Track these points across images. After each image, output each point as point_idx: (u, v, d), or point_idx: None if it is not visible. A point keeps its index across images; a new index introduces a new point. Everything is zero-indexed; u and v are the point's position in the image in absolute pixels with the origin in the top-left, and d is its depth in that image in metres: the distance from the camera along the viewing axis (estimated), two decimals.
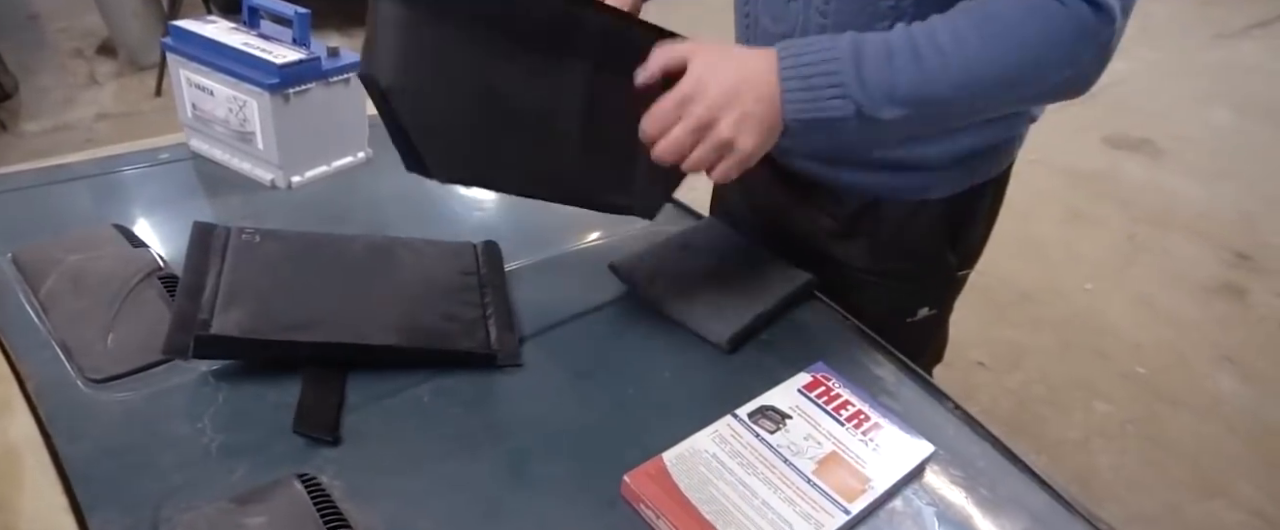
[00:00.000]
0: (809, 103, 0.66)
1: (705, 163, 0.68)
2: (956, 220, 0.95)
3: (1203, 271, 2.36)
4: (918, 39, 0.65)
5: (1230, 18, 3.86)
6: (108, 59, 3.29)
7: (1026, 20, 0.64)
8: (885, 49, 0.65)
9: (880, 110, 0.65)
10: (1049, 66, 0.65)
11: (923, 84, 0.65)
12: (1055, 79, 0.65)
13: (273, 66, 0.98)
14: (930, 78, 0.65)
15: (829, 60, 0.65)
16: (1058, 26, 0.64)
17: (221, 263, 0.77)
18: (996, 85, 0.66)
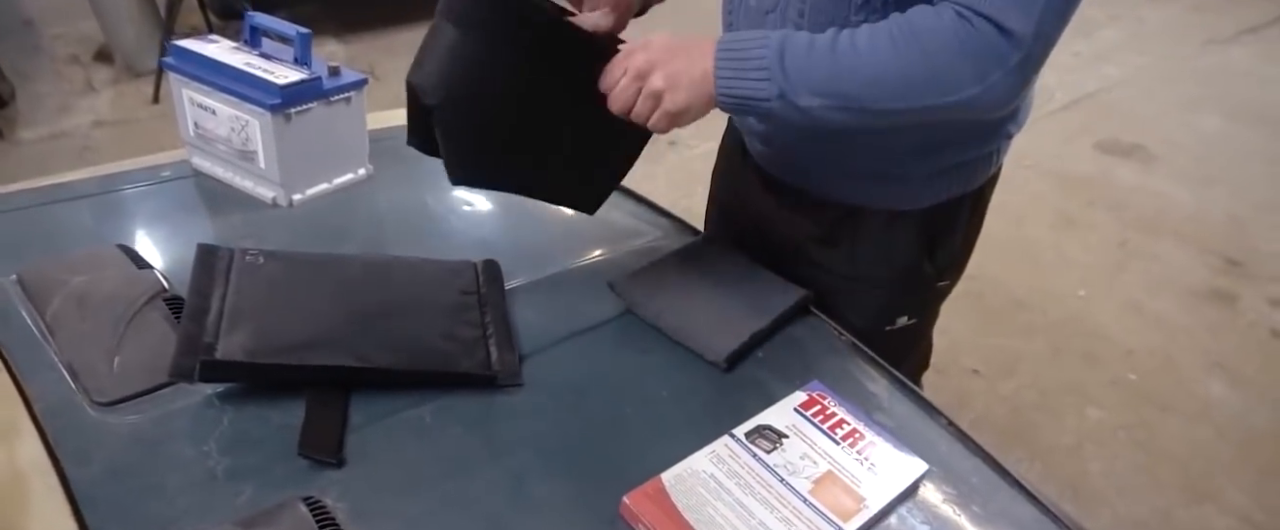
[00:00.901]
0: (736, 79, 0.73)
1: (642, 113, 0.75)
2: (934, 231, 0.98)
3: (1193, 277, 2.38)
4: (840, 39, 0.72)
5: (1221, 24, 3.89)
6: (104, 65, 3.29)
7: (936, 34, 0.69)
8: (808, 43, 0.72)
9: (798, 96, 0.72)
10: (953, 79, 0.69)
11: (835, 78, 0.71)
12: (963, 93, 0.69)
13: (275, 87, 0.99)
14: (841, 73, 0.71)
15: (759, 46, 0.73)
16: (964, 44, 0.68)
17: (226, 285, 0.78)
18: (902, 88, 0.71)
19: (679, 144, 2.92)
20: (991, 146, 0.94)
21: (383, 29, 3.68)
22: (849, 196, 0.96)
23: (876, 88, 0.71)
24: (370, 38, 3.62)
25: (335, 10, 3.83)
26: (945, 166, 0.92)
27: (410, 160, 1.20)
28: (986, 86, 0.69)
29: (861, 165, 0.93)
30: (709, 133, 1.07)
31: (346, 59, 3.43)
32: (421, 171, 1.20)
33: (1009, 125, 0.94)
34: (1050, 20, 0.68)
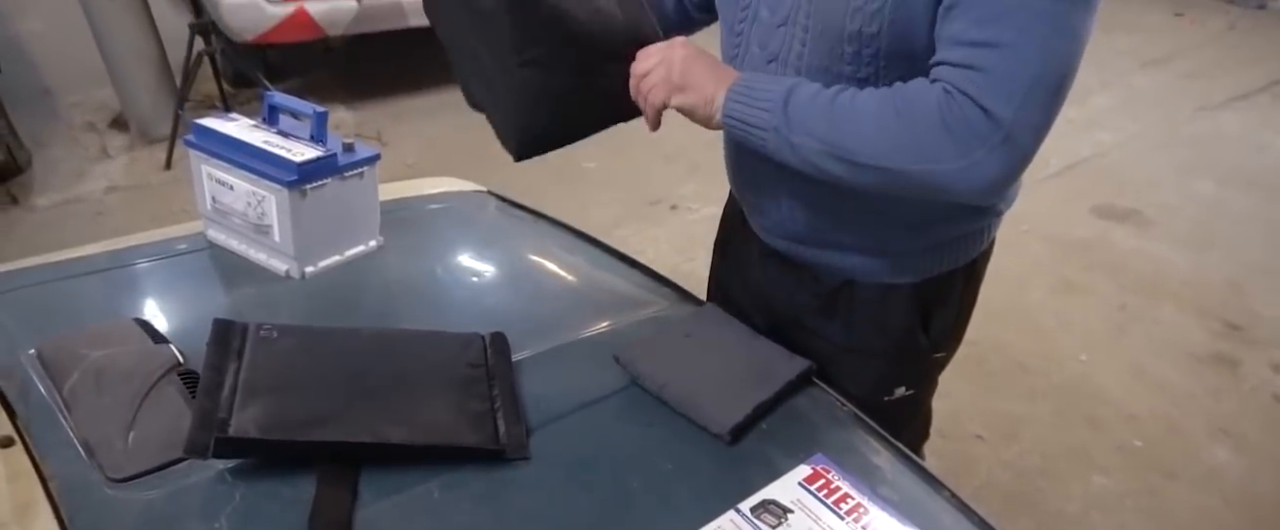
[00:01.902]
0: (744, 106, 0.81)
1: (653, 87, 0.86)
2: (928, 304, 1.00)
3: (1194, 341, 2.39)
4: (842, 94, 0.78)
5: (1211, 90, 3.98)
6: (119, 132, 3.36)
7: (924, 104, 0.73)
8: (813, 93, 0.79)
9: (792, 133, 0.79)
10: (933, 149, 0.73)
11: (828, 125, 0.78)
12: (944, 165, 0.73)
13: (292, 164, 1.02)
14: (834, 122, 0.77)
15: (770, 86, 0.81)
16: (945, 118, 0.72)
17: (240, 360, 0.80)
18: (885, 147, 0.75)
19: (681, 208, 2.96)
20: (982, 223, 0.97)
21: (390, 96, 3.77)
22: (843, 268, 0.99)
23: (862, 142, 0.76)
24: (378, 105, 3.71)
25: (344, 78, 3.94)
26: (936, 242, 0.95)
27: (420, 232, 1.24)
28: (969, 163, 0.72)
29: (854, 239, 0.96)
30: (711, 198, 1.11)
31: (355, 125, 3.51)
32: (430, 242, 1.24)
33: (998, 203, 0.97)
34: (1033, 108, 0.71)
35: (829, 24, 0.80)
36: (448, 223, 1.31)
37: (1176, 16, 4.97)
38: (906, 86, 0.76)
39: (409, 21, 3.48)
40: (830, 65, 0.82)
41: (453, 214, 1.33)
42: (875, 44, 0.78)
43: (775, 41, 0.87)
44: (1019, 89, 0.70)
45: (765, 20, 0.87)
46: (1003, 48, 0.70)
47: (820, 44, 0.82)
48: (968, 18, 0.71)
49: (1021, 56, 0.70)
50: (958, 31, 0.72)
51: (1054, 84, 0.71)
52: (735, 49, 0.93)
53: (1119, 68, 4.22)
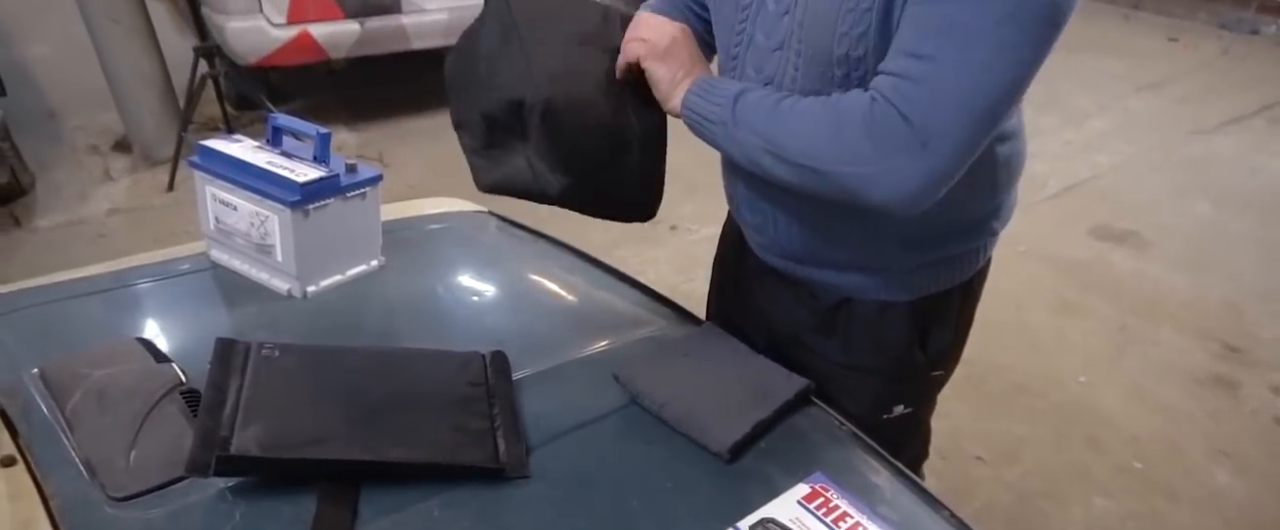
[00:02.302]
0: (701, 100, 0.87)
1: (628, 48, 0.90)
2: (925, 322, 1.01)
3: (1193, 363, 2.39)
4: (785, 99, 0.83)
5: (1205, 114, 4.01)
6: (122, 155, 3.38)
7: (852, 109, 0.76)
8: (762, 96, 0.84)
9: (738, 130, 0.84)
10: (855, 151, 0.76)
11: (769, 125, 0.82)
12: (863, 168, 0.76)
13: (295, 184, 1.03)
14: (774, 121, 0.82)
15: (728, 87, 0.87)
16: (868, 123, 0.75)
17: (242, 378, 0.80)
18: (814, 147, 0.79)
19: (680, 229, 2.97)
20: (976, 242, 0.98)
21: (392, 118, 3.80)
22: (840, 286, 1.00)
23: (793, 140, 0.80)
24: (380, 126, 3.74)
25: (346, 100, 3.97)
26: (931, 260, 0.96)
27: (421, 251, 1.25)
28: (885, 168, 0.74)
29: (849, 256, 0.97)
30: (710, 218, 1.12)
31: (357, 147, 3.53)
32: (431, 262, 1.25)
33: (993, 222, 0.98)
34: (957, 123, 0.72)
35: (819, 48, 0.82)
36: (449, 242, 1.32)
37: (1170, 41, 5.02)
38: (846, 95, 0.79)
39: (411, 44, 3.52)
40: (822, 88, 0.84)
41: (454, 234, 1.34)
42: (862, 66, 0.79)
43: (770, 65, 0.88)
44: (946, 102, 0.71)
45: (761, 45, 0.89)
46: (937, 61, 0.71)
47: (812, 67, 0.84)
48: (914, 29, 0.73)
49: (954, 72, 0.71)
50: (903, 42, 0.74)
51: (983, 105, 0.72)
52: (732, 72, 0.95)
53: (1114, 91, 4.26)
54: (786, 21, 0.85)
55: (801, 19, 0.83)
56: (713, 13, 0.96)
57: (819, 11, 0.81)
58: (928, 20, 0.72)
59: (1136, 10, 5.51)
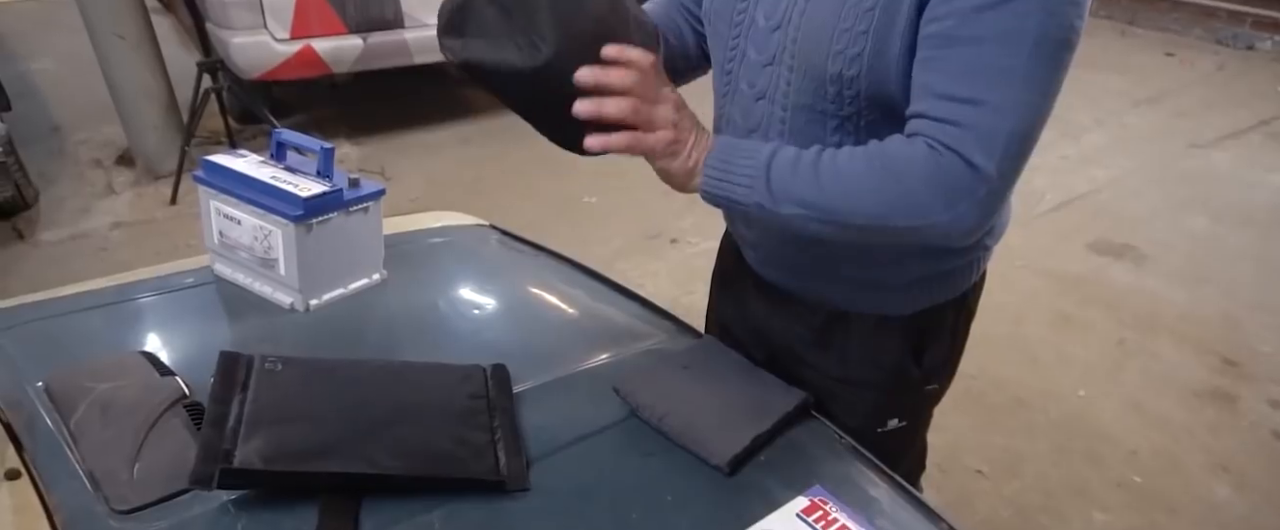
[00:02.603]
0: (722, 182, 0.80)
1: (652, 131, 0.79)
2: (920, 336, 1.02)
3: (1192, 377, 2.40)
4: (823, 157, 0.79)
5: (1202, 129, 4.03)
6: (126, 168, 3.40)
7: (909, 162, 0.75)
8: (794, 159, 0.79)
9: (779, 206, 0.79)
10: (921, 204, 0.75)
11: (815, 192, 0.78)
12: (931, 218, 0.75)
13: (298, 199, 1.04)
14: (821, 189, 0.78)
15: (748, 159, 0.80)
16: (932, 173, 0.74)
17: (245, 392, 0.81)
18: (875, 207, 0.77)
19: (680, 242, 2.99)
20: (970, 257, 1.00)
21: (394, 131, 3.82)
22: (836, 300, 1.01)
23: (851, 203, 0.77)
24: (381, 139, 3.76)
25: (347, 114, 3.99)
26: (925, 275, 0.97)
27: (423, 265, 1.26)
28: (955, 215, 0.75)
29: (845, 271, 0.98)
30: (710, 231, 1.13)
31: (359, 160, 3.55)
32: (433, 276, 1.26)
33: (985, 238, 0.99)
34: (1011, 157, 0.74)
35: (812, 65, 0.83)
36: (450, 256, 1.33)
37: (1167, 57, 5.05)
38: (886, 145, 0.78)
39: (413, 59, 3.54)
40: (815, 103, 0.85)
41: (455, 248, 1.35)
42: (856, 85, 0.81)
43: (763, 80, 0.90)
44: (999, 143, 0.73)
45: (753, 60, 0.90)
46: (982, 105, 0.73)
47: (806, 83, 0.85)
48: (945, 72, 0.75)
49: (1000, 112, 0.73)
50: (935, 85, 0.75)
51: (1029, 136, 0.75)
52: (726, 87, 0.96)
53: (1112, 106, 4.28)
54: (778, 37, 0.86)
55: (795, 36, 0.84)
56: (707, 27, 0.98)
57: (813, 31, 0.82)
58: (961, 63, 0.74)
59: (1133, 26, 5.55)
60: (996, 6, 0.71)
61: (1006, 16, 0.71)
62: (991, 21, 0.72)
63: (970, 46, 0.73)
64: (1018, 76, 0.73)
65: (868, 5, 0.78)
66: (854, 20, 0.78)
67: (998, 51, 0.72)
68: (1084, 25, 0.74)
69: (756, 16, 0.88)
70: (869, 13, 0.77)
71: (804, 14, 0.83)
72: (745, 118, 0.94)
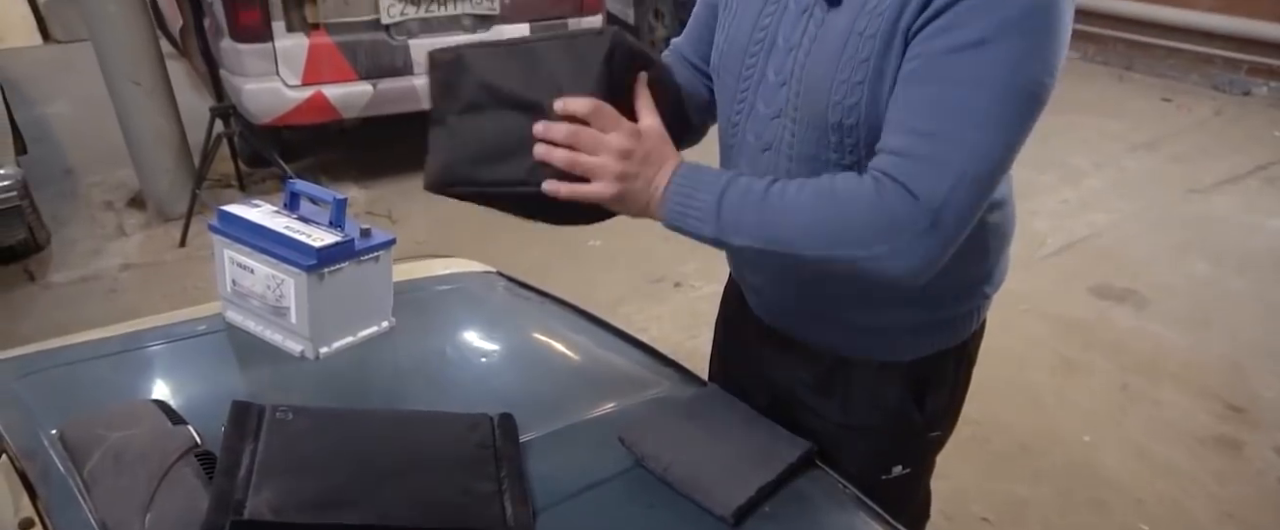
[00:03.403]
0: (679, 214, 0.84)
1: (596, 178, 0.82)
2: (922, 383, 1.03)
3: (1196, 423, 2.39)
4: (772, 190, 0.82)
5: (1200, 173, 4.07)
6: (137, 211, 3.45)
7: (853, 193, 0.78)
8: (744, 191, 0.82)
9: (731, 237, 0.83)
10: (862, 235, 0.78)
11: (762, 225, 0.81)
12: (873, 249, 0.77)
13: (311, 249, 1.07)
14: (768, 222, 0.81)
15: (703, 190, 0.83)
16: (873, 204, 0.77)
17: (256, 442, 0.83)
18: (819, 238, 0.80)
19: (684, 285, 3.01)
20: (969, 305, 1.01)
21: (401, 175, 3.87)
22: (838, 346, 1.03)
23: (796, 235, 0.81)
24: (388, 183, 3.81)
25: (355, 158, 4.05)
26: (925, 322, 0.99)
27: (430, 313, 1.28)
28: (894, 249, 0.77)
29: (846, 317, 1.00)
30: (713, 275, 1.14)
31: (366, 203, 3.59)
32: (440, 323, 1.28)
33: (985, 286, 1.01)
34: (960, 194, 0.75)
35: (814, 116, 0.86)
36: (457, 303, 1.35)
37: (1164, 102, 5.11)
38: (836, 178, 0.81)
39: (422, 104, 3.60)
40: (819, 153, 0.88)
41: (462, 295, 1.37)
42: (856, 134, 0.84)
43: (769, 132, 0.92)
44: (948, 177, 0.75)
45: (761, 113, 0.93)
46: (937, 138, 0.75)
47: (809, 134, 0.88)
48: (908, 107, 0.77)
49: (954, 147, 0.75)
50: (896, 119, 0.78)
51: (983, 177, 0.76)
52: (732, 138, 0.99)
53: (1110, 151, 4.32)
54: (784, 92, 0.90)
55: (798, 90, 0.87)
56: (715, 81, 1.01)
57: (814, 84, 0.85)
58: (923, 101, 0.76)
59: (1130, 71, 5.62)
60: (966, 50, 0.74)
61: (976, 62, 0.74)
62: (960, 64, 0.74)
63: (935, 85, 0.75)
64: (978, 117, 0.74)
65: (862, 56, 0.81)
66: (850, 71, 0.82)
67: (962, 92, 0.74)
68: (1054, 83, 0.76)
69: (767, 72, 0.92)
70: (864, 64, 0.81)
71: (804, 67, 0.87)
72: (752, 168, 0.96)
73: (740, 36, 0.94)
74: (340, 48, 3.34)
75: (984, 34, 0.73)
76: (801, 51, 0.87)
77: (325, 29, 3.29)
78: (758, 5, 0.92)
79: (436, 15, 3.50)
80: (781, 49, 0.89)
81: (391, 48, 3.45)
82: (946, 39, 0.74)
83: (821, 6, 0.85)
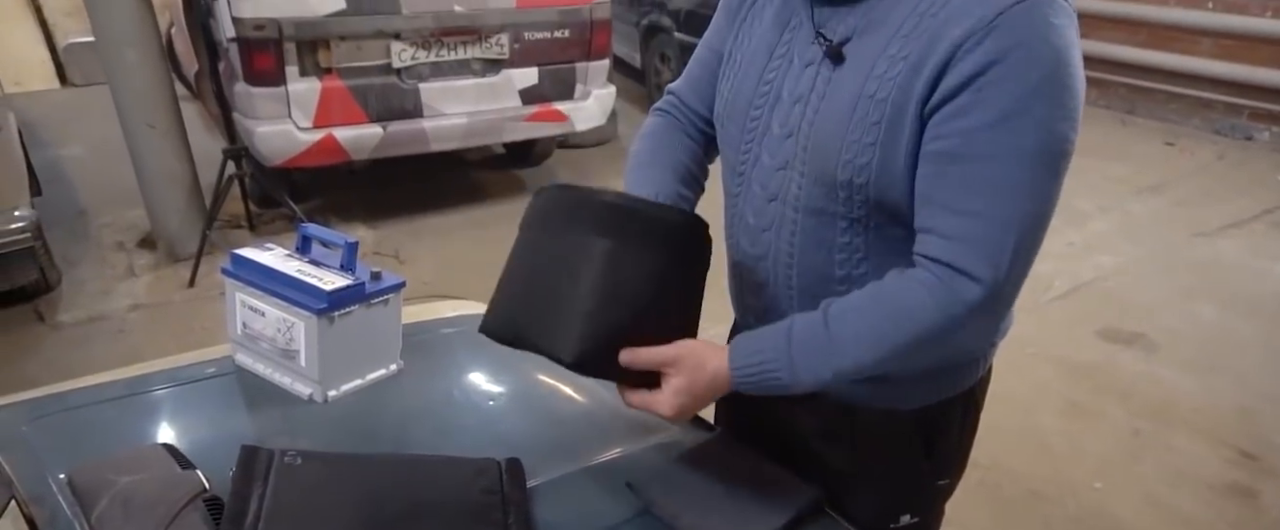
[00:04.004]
0: (757, 387, 0.87)
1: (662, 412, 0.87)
2: (929, 431, 1.03)
3: (1209, 470, 2.36)
4: (835, 329, 0.83)
5: (1205, 217, 4.07)
6: (147, 251, 3.47)
7: (919, 303, 0.80)
8: (813, 341, 0.84)
9: (809, 387, 0.85)
10: (940, 336, 0.81)
11: (842, 363, 0.83)
12: (952, 342, 0.81)
13: (322, 292, 1.08)
14: (847, 356, 0.83)
15: (770, 361, 0.85)
16: (943, 308, 0.79)
17: (264, 487, 0.83)
18: (903, 352, 0.83)
19: None
20: (977, 352, 1.01)
21: (408, 215, 3.91)
22: (845, 394, 1.02)
23: (880, 357, 0.83)
24: (397, 223, 3.84)
25: (364, 198, 4.09)
26: (933, 369, 0.99)
27: (438, 355, 1.28)
28: (967, 331, 0.80)
29: None
30: (719, 317, 1.14)
31: (374, 243, 3.62)
32: (448, 366, 1.28)
33: (992, 334, 1.01)
34: (1017, 265, 0.79)
35: (823, 171, 0.88)
36: (464, 346, 1.35)
37: (1167, 146, 5.15)
38: (890, 290, 0.83)
39: (431, 146, 3.66)
40: (826, 206, 0.89)
41: (470, 337, 1.36)
42: (865, 191, 0.85)
43: (775, 183, 0.94)
44: (1006, 253, 0.78)
45: (766, 164, 0.95)
46: (986, 217, 0.78)
47: (817, 188, 0.89)
48: (950, 188, 0.79)
49: (1005, 224, 0.78)
50: (941, 200, 0.80)
51: (1032, 245, 0.79)
52: (738, 186, 1.00)
53: (1115, 194, 4.34)
54: (790, 144, 0.91)
55: (806, 144, 0.89)
56: (719, 130, 1.02)
57: (823, 141, 0.87)
58: (962, 180, 0.78)
59: (1133, 115, 5.67)
60: (996, 126, 0.76)
61: (1006, 134, 0.76)
62: (992, 140, 0.76)
63: (972, 163, 0.78)
64: (1022, 188, 0.77)
65: (873, 119, 0.82)
66: (861, 133, 0.83)
67: (999, 168, 0.77)
68: (1077, 134, 0.79)
69: (771, 124, 0.93)
70: (875, 126, 0.82)
71: (813, 125, 0.88)
72: (758, 218, 0.97)
73: (745, 89, 0.96)
74: (352, 91, 3.40)
75: (1011, 106, 0.76)
76: (809, 107, 0.88)
77: (338, 73, 3.35)
78: (763, 59, 0.94)
79: (447, 60, 3.57)
80: (786, 102, 0.91)
81: (402, 91, 3.50)
82: (973, 117, 0.77)
83: (826, 64, 0.87)
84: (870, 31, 0.84)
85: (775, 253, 0.96)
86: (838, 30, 0.86)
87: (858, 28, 0.85)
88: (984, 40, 0.75)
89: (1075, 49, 0.78)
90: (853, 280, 0.92)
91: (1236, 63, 5.13)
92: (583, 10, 3.77)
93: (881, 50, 0.82)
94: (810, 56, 0.89)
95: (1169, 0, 5.34)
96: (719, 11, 1.05)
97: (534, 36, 3.69)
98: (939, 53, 0.78)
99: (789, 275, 0.96)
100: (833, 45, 0.86)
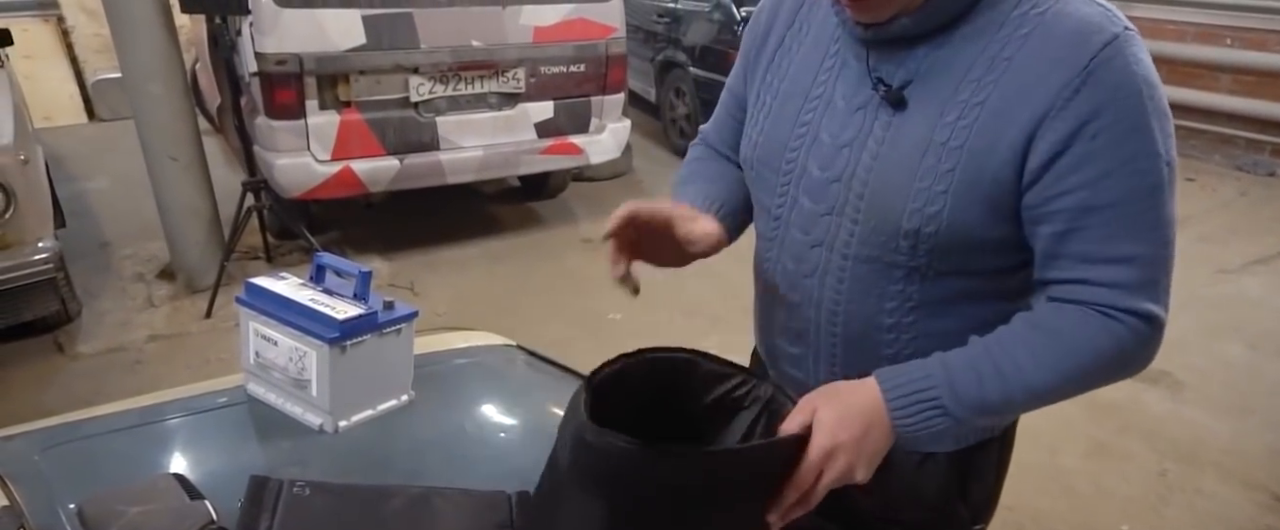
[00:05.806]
0: (917, 423, 0.81)
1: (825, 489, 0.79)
2: (964, 474, 0.99)
3: (1242, 515, 2.28)
4: (998, 359, 0.81)
5: (1228, 254, 4.01)
6: (166, 282, 3.51)
7: (1094, 340, 0.79)
8: (974, 372, 0.81)
9: (974, 419, 0.83)
10: (1112, 372, 0.81)
11: (1006, 396, 0.81)
12: (1117, 377, 0.82)
13: (335, 322, 1.07)
14: (1012, 389, 0.81)
15: (928, 388, 0.81)
16: (1117, 342, 0.79)
17: (272, 517, 0.81)
18: (1069, 388, 0.82)
19: None
20: None
21: (423, 247, 3.93)
22: None
23: (1045, 392, 0.82)
24: (411, 255, 3.86)
25: (380, 230, 4.12)
26: None
27: (450, 386, 1.27)
28: (1138, 367, 0.83)
29: None
30: (734, 349, 1.11)
31: (389, 275, 3.64)
32: (459, 397, 1.27)
33: None
34: (1169, 291, 0.81)
35: (883, 220, 0.85)
36: (476, 377, 1.34)
37: (1188, 181, 5.10)
38: (1057, 328, 0.81)
39: (447, 179, 3.69)
40: (882, 255, 0.87)
41: (482, 368, 1.36)
42: (932, 240, 0.83)
43: (819, 229, 0.91)
44: (1165, 288, 0.80)
45: (807, 208, 0.92)
46: (1142, 261, 0.79)
47: (874, 237, 0.87)
48: (1094, 239, 0.79)
49: (1159, 261, 0.79)
50: (1089, 253, 0.80)
51: (1173, 265, 0.81)
52: (774, 230, 0.96)
53: None
54: (837, 189, 0.88)
55: (862, 192, 0.86)
56: (749, 172, 1.00)
57: (884, 188, 0.84)
58: (1105, 228, 0.79)
59: None
60: (1118, 171, 0.77)
61: (1132, 176, 0.77)
62: (1121, 184, 0.77)
63: (1109, 210, 0.78)
64: (1159, 223, 0.79)
65: (946, 167, 0.81)
66: (932, 180, 0.81)
67: (1135, 209, 0.78)
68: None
69: (809, 166, 0.91)
70: (948, 173, 0.80)
71: (871, 170, 0.85)
72: (799, 264, 0.94)
73: (779, 132, 0.94)
74: (369, 124, 3.45)
75: (1128, 149, 0.77)
76: (865, 153, 0.86)
77: (356, 106, 3.40)
78: (798, 101, 0.92)
79: (464, 93, 3.62)
80: (828, 145, 0.89)
81: (419, 124, 3.55)
82: (1096, 166, 0.77)
83: (886, 109, 0.85)
84: (934, 76, 0.82)
85: (819, 300, 0.93)
86: (896, 75, 0.84)
87: (918, 72, 0.83)
88: (1082, 88, 0.76)
89: (1155, 72, 0.79)
90: (901, 329, 0.90)
91: (1258, 99, 5.10)
92: (598, 45, 3.82)
93: (950, 95, 0.81)
94: (861, 100, 0.87)
95: (1187, 36, 5.34)
96: (739, 56, 1.05)
97: (550, 71, 3.74)
98: (1034, 102, 0.77)
99: (833, 323, 0.93)
100: (892, 90, 0.84)
